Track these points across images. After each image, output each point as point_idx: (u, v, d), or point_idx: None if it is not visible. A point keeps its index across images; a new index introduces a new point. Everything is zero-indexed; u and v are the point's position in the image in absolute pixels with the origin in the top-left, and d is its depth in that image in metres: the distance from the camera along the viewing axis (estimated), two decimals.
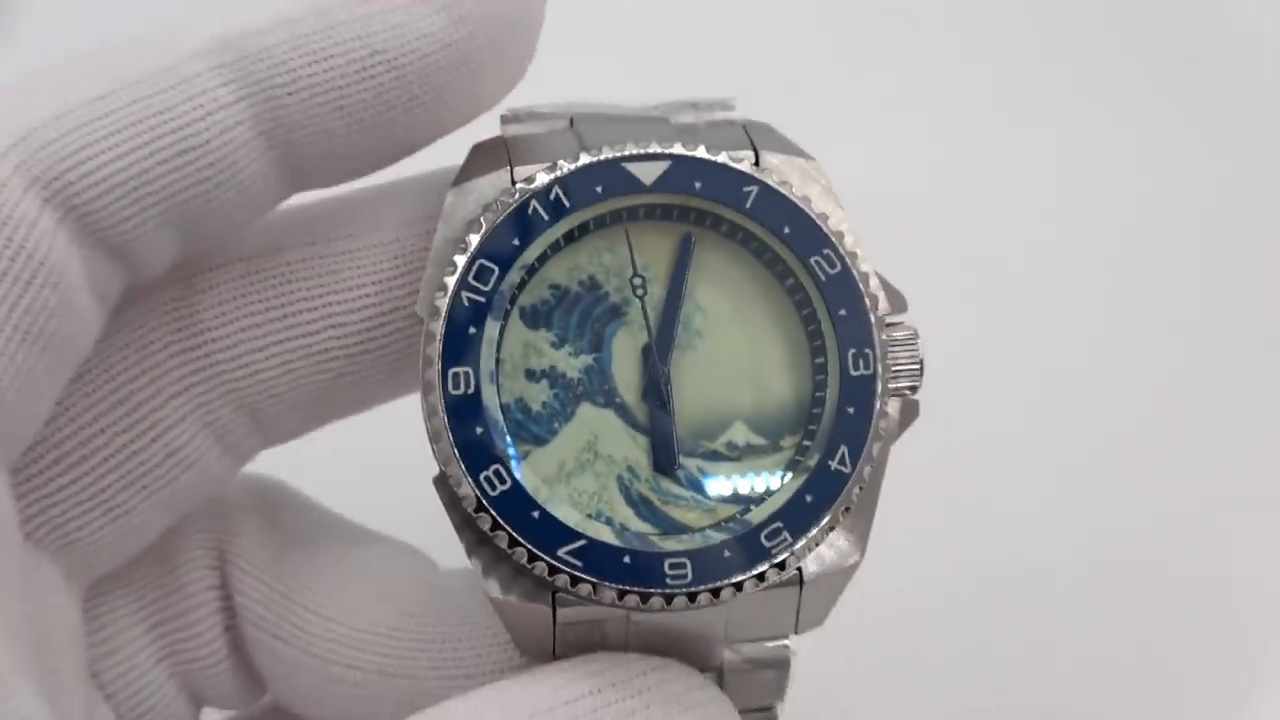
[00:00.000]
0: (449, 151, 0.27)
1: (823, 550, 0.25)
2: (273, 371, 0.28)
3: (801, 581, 0.25)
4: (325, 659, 0.29)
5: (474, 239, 0.24)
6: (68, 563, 0.28)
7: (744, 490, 0.25)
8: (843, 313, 0.25)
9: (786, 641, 0.26)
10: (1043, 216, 0.50)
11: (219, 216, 0.26)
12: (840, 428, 0.24)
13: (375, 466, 0.31)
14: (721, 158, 0.25)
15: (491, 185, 0.25)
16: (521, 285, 0.25)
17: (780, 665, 0.26)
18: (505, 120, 0.27)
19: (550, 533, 0.24)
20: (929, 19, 0.54)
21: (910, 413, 0.26)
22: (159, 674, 0.30)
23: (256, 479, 0.32)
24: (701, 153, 0.25)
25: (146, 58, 0.24)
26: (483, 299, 0.24)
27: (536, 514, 0.24)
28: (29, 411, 0.25)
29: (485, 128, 0.28)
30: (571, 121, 0.27)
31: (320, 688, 0.30)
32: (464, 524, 0.24)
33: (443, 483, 0.24)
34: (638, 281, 0.26)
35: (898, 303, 0.26)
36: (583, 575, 0.24)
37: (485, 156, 0.26)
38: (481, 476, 0.24)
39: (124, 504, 0.27)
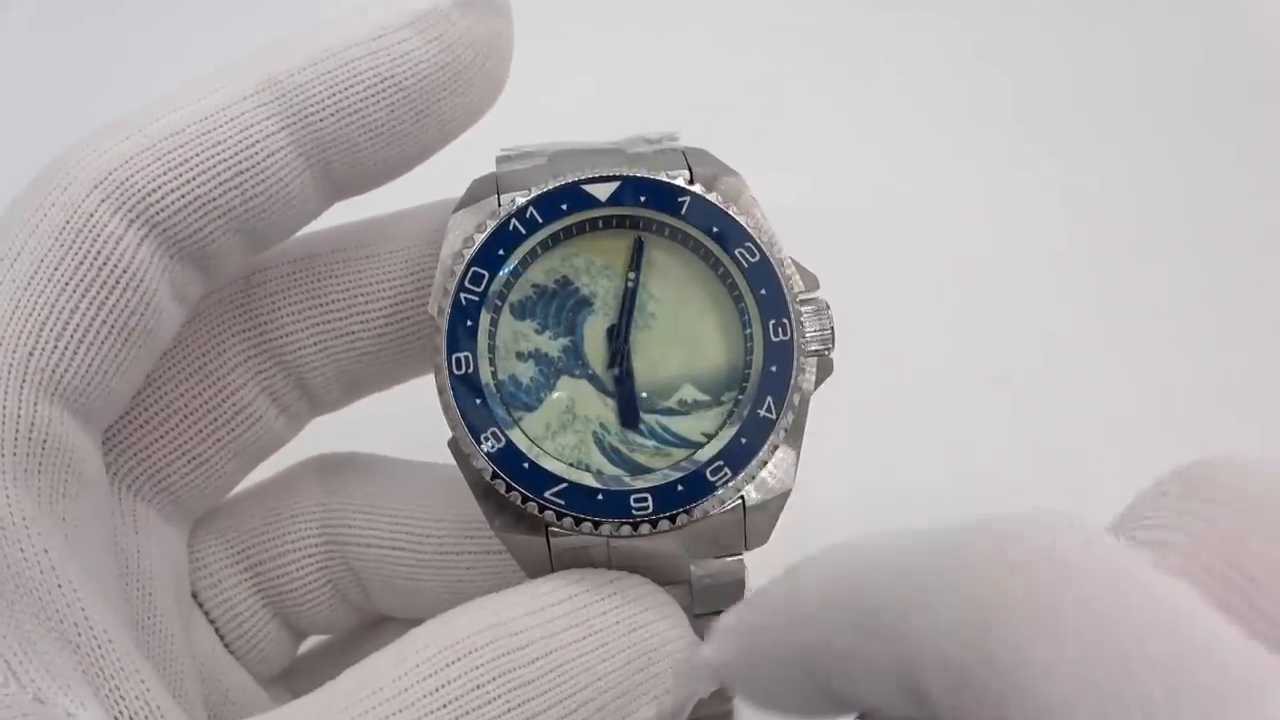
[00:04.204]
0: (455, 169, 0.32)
1: (760, 480, 0.29)
2: (311, 349, 0.33)
3: (745, 507, 0.29)
4: (440, 551, 0.33)
5: (469, 252, 0.29)
6: (161, 504, 0.32)
7: (693, 437, 0.30)
8: (763, 292, 0.30)
9: (740, 557, 0.31)
10: (1002, 223, 0.53)
11: (273, 225, 0.30)
12: (766, 383, 0.29)
13: (404, 433, 0.36)
14: (661, 176, 0.30)
15: (484, 209, 0.30)
16: (509, 286, 0.30)
17: (737, 576, 0.31)
18: (499, 159, 0.32)
19: (538, 479, 0.29)
20: (900, 46, 0.57)
21: (826, 369, 0.30)
22: (254, 604, 0.34)
23: (336, 452, 0.36)
24: (644, 173, 0.30)
25: (205, 100, 0.28)
26: (476, 298, 0.29)
27: (526, 465, 0.29)
28: (118, 389, 0.28)
29: (487, 148, 0.32)
30: (549, 158, 0.31)
31: (435, 580, 0.34)
32: (473, 476, 0.29)
33: (454, 445, 0.29)
34: (631, 278, 0.30)
35: (810, 282, 0.30)
36: (565, 510, 0.28)
37: (480, 187, 0.31)
38: (481, 437, 0.29)
39: (203, 454, 0.32)
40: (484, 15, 0.30)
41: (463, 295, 0.29)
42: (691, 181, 0.30)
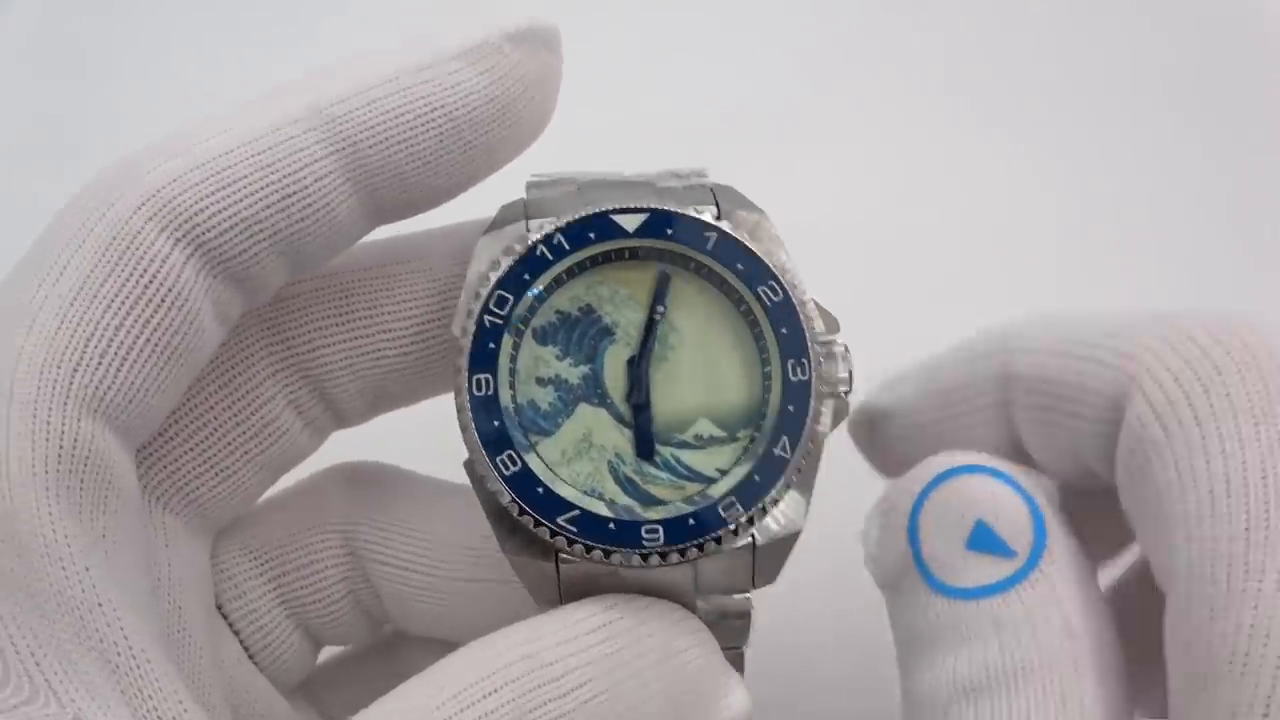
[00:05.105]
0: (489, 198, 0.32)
1: (770, 520, 0.30)
2: (337, 364, 0.33)
3: (754, 546, 0.30)
4: (453, 576, 0.34)
5: (494, 275, 0.30)
6: (188, 516, 0.32)
7: (707, 472, 0.30)
8: (784, 331, 0.30)
9: (748, 595, 0.31)
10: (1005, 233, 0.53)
11: (316, 248, 0.30)
12: (782, 422, 0.29)
13: (424, 454, 0.36)
14: (689, 210, 0.30)
15: (512, 233, 0.31)
16: (533, 310, 0.30)
17: (743, 614, 0.31)
18: (530, 185, 0.32)
19: (551, 504, 0.29)
20: (899, 57, 0.58)
21: (842, 411, 0.30)
22: (278, 615, 0.34)
23: (359, 461, 0.37)
24: (673, 207, 0.30)
25: (254, 121, 0.28)
26: (500, 321, 0.30)
27: (540, 489, 0.29)
28: (158, 406, 0.29)
29: (517, 172, 0.32)
30: (579, 187, 0.32)
31: (449, 604, 0.34)
32: (487, 498, 0.29)
33: (470, 466, 0.29)
34: (660, 311, 0.31)
35: (831, 324, 0.31)
36: (577, 537, 0.29)
37: (509, 211, 0.31)
38: (498, 459, 0.29)
39: (230, 466, 0.32)
40: (535, 49, 0.30)
41: (487, 317, 0.30)
42: (719, 218, 0.31)
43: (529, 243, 0.30)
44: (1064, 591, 0.28)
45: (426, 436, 0.34)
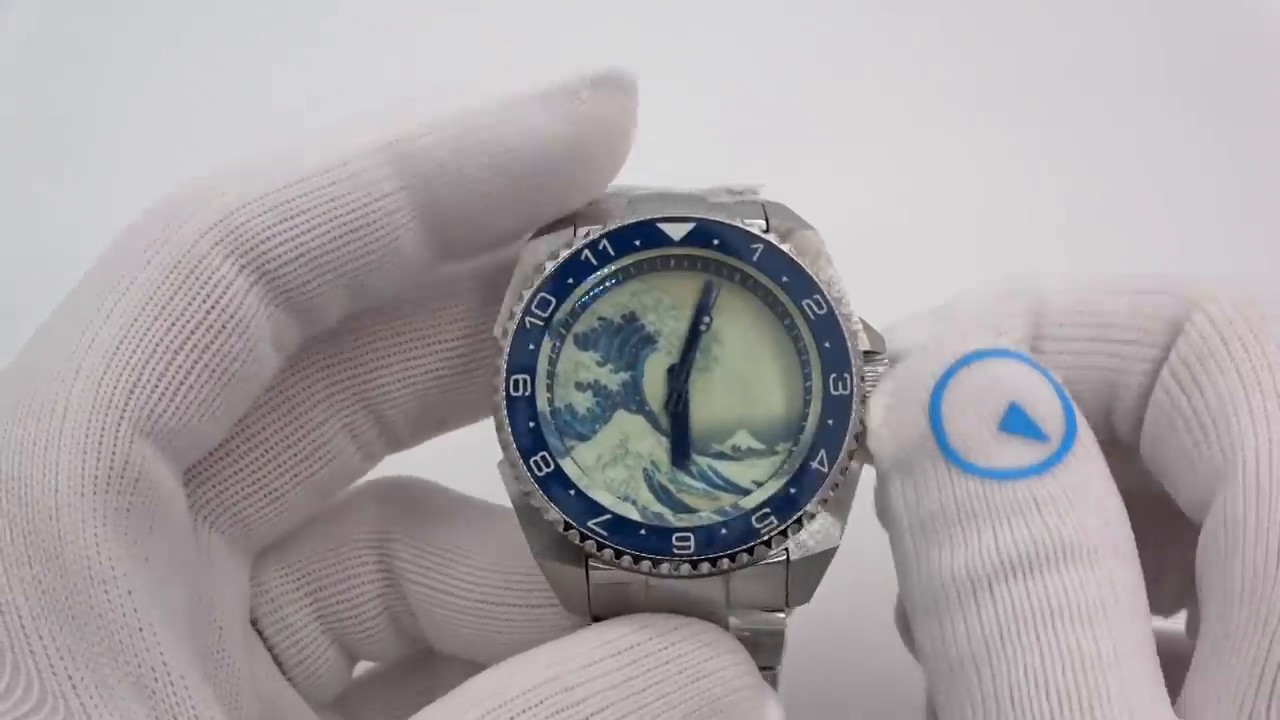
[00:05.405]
0: None
1: (805, 536, 0.29)
2: (394, 384, 0.33)
3: (788, 561, 0.29)
4: (483, 600, 0.33)
5: (538, 278, 0.30)
6: (234, 535, 0.32)
7: (743, 483, 0.30)
8: (827, 345, 0.30)
9: (782, 614, 0.30)
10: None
11: (380, 283, 0.30)
12: (821, 436, 0.29)
13: (464, 461, 0.36)
14: (736, 221, 0.30)
15: (559, 239, 0.31)
16: (575, 315, 0.30)
17: (776, 633, 0.31)
18: None
19: (583, 507, 0.29)
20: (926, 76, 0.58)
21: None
22: (313, 630, 0.34)
23: (399, 477, 0.36)
24: (721, 217, 0.30)
25: (327, 154, 0.28)
26: (541, 323, 0.30)
27: (573, 491, 0.29)
28: (209, 431, 0.29)
29: None
30: (630, 199, 0.32)
31: (477, 625, 0.34)
32: (519, 498, 0.29)
33: (503, 466, 0.29)
34: (706, 321, 0.31)
35: (878, 342, 0.30)
36: (606, 542, 0.28)
37: (558, 218, 0.31)
38: (531, 460, 0.29)
39: (281, 489, 0.32)
40: (613, 94, 0.30)
41: (528, 319, 0.30)
42: (767, 230, 0.31)
43: (575, 247, 0.30)
44: (1095, 479, 0.28)
45: (473, 459, 0.34)
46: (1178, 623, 0.36)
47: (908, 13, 0.59)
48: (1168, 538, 0.32)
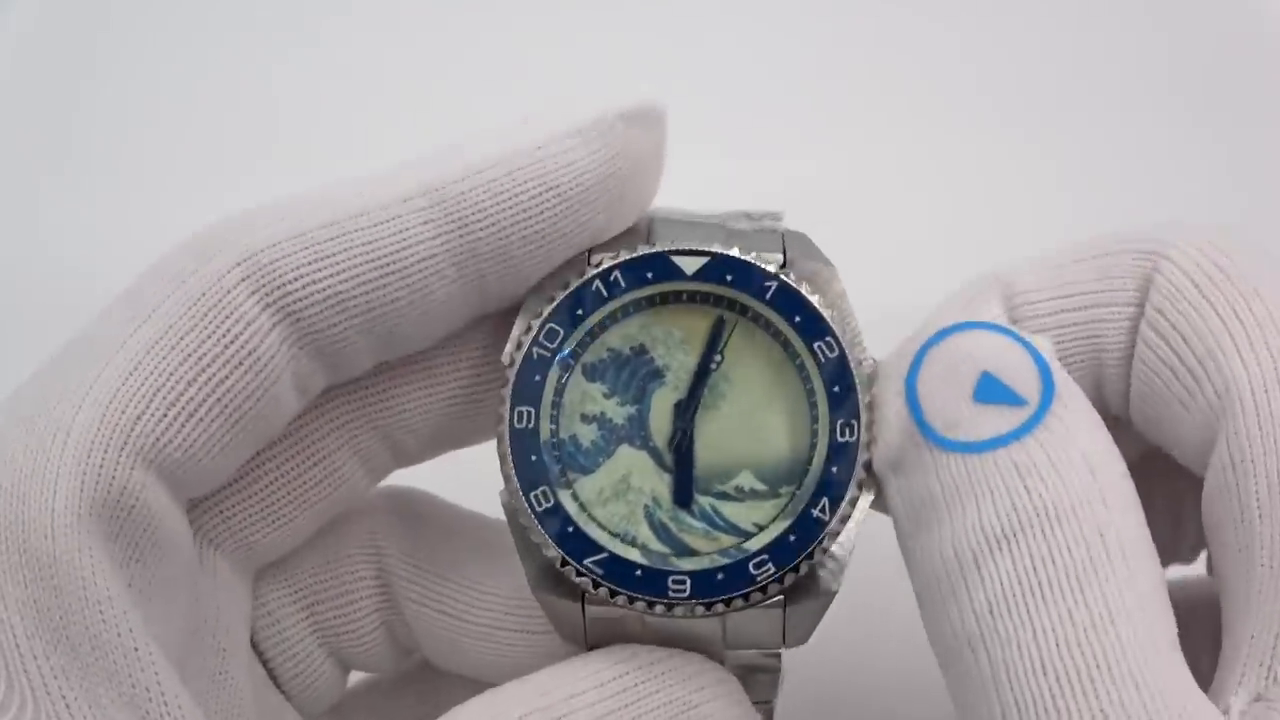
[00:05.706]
0: None
1: (804, 579, 0.29)
2: (412, 412, 0.32)
3: (785, 605, 0.29)
4: (481, 624, 0.33)
5: (548, 308, 0.29)
6: (238, 557, 0.32)
7: (744, 525, 0.29)
8: (836, 389, 0.29)
9: (779, 652, 0.30)
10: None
11: (410, 331, 0.29)
12: (824, 483, 0.29)
13: (466, 484, 0.36)
14: (751, 257, 0.29)
15: (571, 266, 0.30)
16: (584, 346, 0.30)
17: (772, 670, 0.31)
18: None
19: (581, 545, 0.29)
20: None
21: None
22: (310, 644, 0.34)
23: (400, 488, 0.36)
24: (735, 252, 0.29)
25: (364, 196, 0.28)
26: (549, 354, 0.29)
27: (571, 529, 0.29)
28: (217, 466, 0.28)
29: None
30: (648, 223, 0.31)
31: (476, 648, 0.33)
32: (518, 532, 0.29)
33: (504, 496, 0.29)
34: (718, 360, 0.30)
35: None
36: (602, 581, 0.28)
37: None
38: (531, 494, 0.29)
39: (288, 515, 0.32)
40: (647, 127, 0.30)
41: (535, 350, 0.29)
42: (784, 266, 0.30)
43: (585, 277, 0.30)
44: (1080, 432, 0.27)
45: (476, 466, 0.34)
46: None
47: (908, 13, 0.59)
48: (1185, 489, 0.32)
